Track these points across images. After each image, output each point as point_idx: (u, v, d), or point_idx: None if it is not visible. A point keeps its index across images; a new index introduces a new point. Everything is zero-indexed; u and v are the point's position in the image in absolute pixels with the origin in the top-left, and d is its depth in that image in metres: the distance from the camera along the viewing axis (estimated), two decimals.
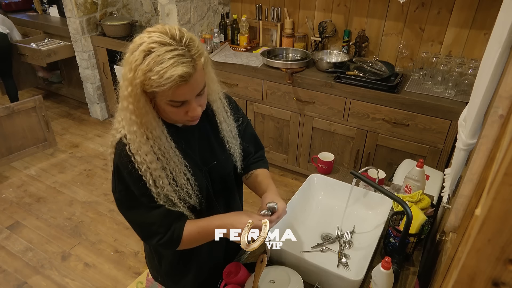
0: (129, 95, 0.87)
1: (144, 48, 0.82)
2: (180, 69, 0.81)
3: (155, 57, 0.81)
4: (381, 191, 1.22)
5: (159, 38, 0.83)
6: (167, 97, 0.86)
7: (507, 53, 0.87)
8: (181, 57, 0.82)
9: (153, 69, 0.81)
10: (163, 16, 2.92)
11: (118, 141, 0.95)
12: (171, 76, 0.80)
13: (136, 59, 0.83)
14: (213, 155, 1.09)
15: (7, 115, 3.03)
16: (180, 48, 0.82)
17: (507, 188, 0.50)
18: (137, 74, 0.83)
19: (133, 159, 0.92)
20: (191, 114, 0.91)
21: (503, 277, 0.57)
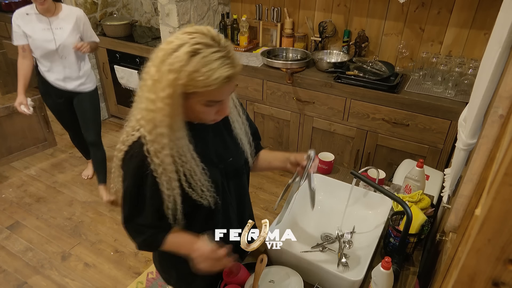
0: (168, 96, 0.85)
1: (189, 50, 0.82)
2: (226, 70, 0.84)
3: (201, 59, 0.82)
4: (381, 191, 1.22)
5: (203, 39, 0.84)
6: (207, 98, 0.87)
7: (507, 53, 0.88)
8: (225, 59, 0.84)
9: (200, 70, 0.82)
10: (163, 16, 2.92)
11: (136, 140, 0.93)
12: (218, 77, 0.83)
13: (179, 60, 0.82)
14: (228, 152, 1.10)
15: (7, 115, 3.03)
16: (222, 50, 0.85)
17: (507, 188, 0.50)
18: (180, 75, 0.82)
19: (151, 160, 0.91)
20: (222, 113, 0.94)
21: (503, 277, 0.57)
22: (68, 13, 2.35)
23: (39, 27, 2.28)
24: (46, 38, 2.29)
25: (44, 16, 2.28)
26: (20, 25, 2.28)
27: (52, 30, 2.30)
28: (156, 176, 0.93)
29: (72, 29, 2.34)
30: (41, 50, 2.33)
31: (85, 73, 2.55)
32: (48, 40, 2.30)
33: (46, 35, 2.29)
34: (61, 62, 2.40)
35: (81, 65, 2.52)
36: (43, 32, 2.29)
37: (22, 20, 2.28)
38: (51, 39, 2.30)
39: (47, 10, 2.25)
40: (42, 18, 2.28)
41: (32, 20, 2.28)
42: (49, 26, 2.30)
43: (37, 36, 2.28)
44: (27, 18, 2.28)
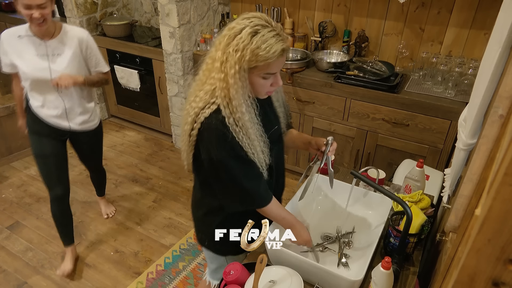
0: (237, 71, 1.02)
1: (250, 31, 1.00)
2: (281, 44, 1.02)
3: (261, 37, 1.00)
4: (381, 191, 1.22)
5: (260, 22, 1.01)
6: (265, 70, 1.04)
7: (507, 53, 0.87)
8: (278, 36, 1.02)
9: (260, 46, 1.00)
10: (163, 16, 2.92)
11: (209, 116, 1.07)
12: (276, 50, 1.00)
13: (243, 40, 1.00)
14: (271, 123, 1.26)
15: (7, 115, 3.04)
16: (275, 29, 1.02)
17: (507, 188, 0.50)
18: (245, 52, 1.00)
19: (232, 129, 1.07)
20: (276, 84, 1.11)
21: (503, 277, 0.57)
22: (70, 35, 1.87)
23: (32, 52, 1.81)
24: (39, 66, 1.82)
25: (40, 39, 1.81)
26: (7, 51, 1.82)
27: (49, 57, 1.83)
28: (239, 141, 1.08)
29: (73, 55, 1.88)
30: (33, 81, 1.85)
31: (89, 108, 2.08)
32: (41, 68, 1.82)
33: (40, 63, 1.82)
34: (59, 95, 1.92)
35: (86, 98, 2.05)
36: (37, 59, 1.81)
37: (11, 45, 1.81)
38: (45, 68, 1.82)
39: (46, 32, 1.79)
40: (38, 42, 1.81)
41: (24, 44, 1.81)
42: (45, 51, 1.82)
43: (29, 64, 1.81)
44: (17, 42, 1.80)
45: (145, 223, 2.64)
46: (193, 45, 3.12)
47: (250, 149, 1.11)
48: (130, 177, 3.12)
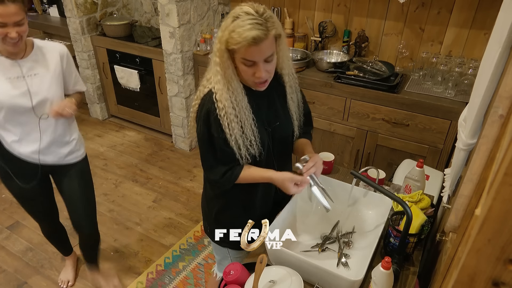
0: (217, 50, 1.11)
1: (235, 14, 1.08)
2: (254, 32, 1.04)
3: (239, 21, 1.05)
4: (381, 191, 1.22)
5: (248, 9, 1.07)
6: (241, 54, 1.08)
7: (507, 53, 0.87)
8: (258, 25, 1.05)
9: (236, 29, 1.05)
10: (163, 16, 2.92)
11: (206, 93, 1.18)
12: (246, 36, 1.04)
13: (227, 22, 1.08)
14: (277, 118, 1.30)
15: None
16: (259, 19, 1.05)
17: (507, 188, 0.50)
18: (225, 33, 1.08)
19: (216, 105, 1.15)
20: (257, 75, 1.12)
21: (503, 277, 0.57)
22: (46, 51, 1.57)
23: (2, 76, 1.48)
24: (16, 91, 1.49)
25: (11, 59, 1.48)
26: None
27: (25, 78, 1.51)
28: (220, 118, 1.15)
29: (54, 73, 1.57)
30: (9, 110, 1.50)
31: (75, 137, 1.75)
32: (19, 94, 1.49)
33: (16, 87, 1.49)
34: (42, 127, 1.58)
35: (70, 125, 1.72)
36: (11, 83, 1.48)
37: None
38: (23, 92, 1.50)
39: (18, 51, 1.48)
40: (8, 62, 1.48)
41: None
42: (20, 72, 1.50)
43: (2, 90, 1.47)
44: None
45: (145, 223, 2.64)
46: (193, 45, 3.12)
47: (230, 134, 1.17)
48: (130, 177, 3.12)
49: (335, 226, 1.39)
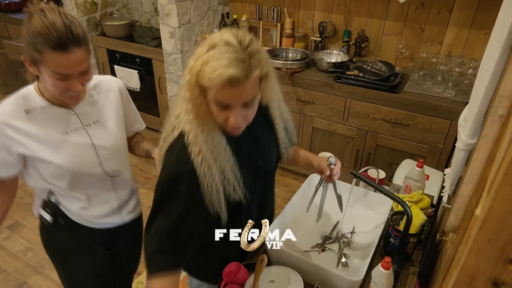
0: (187, 83, 0.90)
1: (211, 42, 0.86)
2: (232, 71, 0.82)
3: (216, 53, 0.84)
4: (381, 191, 1.22)
5: (228, 38, 0.85)
6: (213, 94, 0.87)
7: (507, 53, 0.88)
8: (238, 61, 0.83)
9: (209, 62, 0.84)
10: (163, 16, 2.92)
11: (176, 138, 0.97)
12: (221, 74, 0.82)
13: (200, 50, 0.87)
14: (260, 153, 1.12)
15: None
16: (242, 54, 0.83)
17: (507, 188, 0.50)
18: (196, 64, 0.87)
19: (191, 150, 0.93)
20: (230, 120, 0.90)
21: (503, 277, 0.57)
22: (100, 89, 1.23)
23: (59, 131, 1.12)
24: (82, 149, 1.16)
25: (63, 108, 1.13)
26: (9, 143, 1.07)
27: (86, 130, 1.17)
28: (196, 166, 0.93)
29: (117, 116, 1.26)
30: (75, 175, 1.16)
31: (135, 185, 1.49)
32: (86, 153, 1.17)
33: (77, 144, 1.15)
34: (112, 183, 1.28)
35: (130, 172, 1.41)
36: (70, 139, 1.13)
37: (16, 131, 1.06)
38: (89, 148, 1.17)
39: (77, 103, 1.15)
40: (63, 112, 1.13)
41: (42, 122, 1.09)
42: (79, 123, 1.16)
43: (64, 151, 1.12)
44: (27, 122, 1.07)
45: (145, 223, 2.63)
46: (193, 45, 3.12)
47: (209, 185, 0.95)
48: None
49: (335, 226, 1.39)
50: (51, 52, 0.96)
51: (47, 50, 0.96)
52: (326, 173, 1.19)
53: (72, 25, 0.98)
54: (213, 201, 0.97)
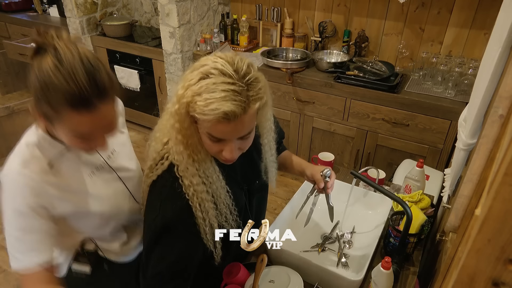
0: (176, 112, 0.82)
1: (203, 71, 0.77)
2: (228, 106, 0.74)
3: (209, 84, 0.75)
4: (381, 191, 1.22)
5: (222, 66, 0.77)
6: (206, 128, 0.80)
7: (507, 53, 0.88)
8: (235, 94, 0.75)
9: (202, 94, 0.75)
10: (163, 16, 2.92)
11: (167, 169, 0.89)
12: (215, 109, 0.74)
13: (191, 78, 0.78)
14: (255, 174, 1.08)
15: (7, 115, 3.03)
16: (239, 85, 0.76)
17: (507, 188, 0.50)
18: (186, 93, 0.78)
19: (181, 181, 0.87)
20: (224, 155, 0.84)
21: (503, 277, 0.57)
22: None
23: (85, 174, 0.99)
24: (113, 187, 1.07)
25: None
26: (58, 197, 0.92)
27: (109, 164, 1.06)
28: (189, 198, 0.87)
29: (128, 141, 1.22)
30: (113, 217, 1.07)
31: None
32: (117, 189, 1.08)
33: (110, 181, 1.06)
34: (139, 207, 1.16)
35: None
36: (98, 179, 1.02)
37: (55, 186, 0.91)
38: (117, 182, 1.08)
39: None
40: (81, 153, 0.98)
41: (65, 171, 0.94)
42: (101, 158, 1.04)
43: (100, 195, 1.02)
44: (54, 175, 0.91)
45: None
46: (193, 45, 3.12)
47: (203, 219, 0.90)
48: None
49: (335, 226, 1.39)
50: (70, 111, 0.76)
51: (66, 109, 0.76)
52: (320, 186, 1.15)
53: (96, 73, 0.78)
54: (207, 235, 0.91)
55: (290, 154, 1.33)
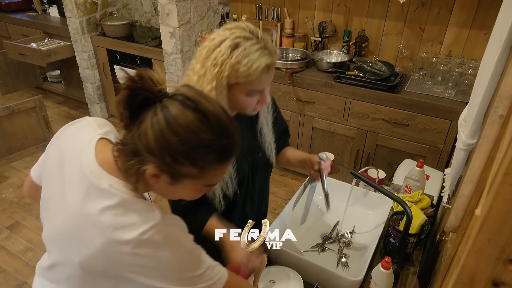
0: (213, 88, 0.91)
1: (231, 44, 0.89)
2: (266, 59, 0.90)
3: (242, 51, 0.89)
4: (381, 191, 1.22)
5: (242, 33, 0.90)
6: (249, 87, 0.93)
7: (507, 53, 0.88)
8: (263, 49, 0.91)
9: (241, 61, 0.89)
10: (163, 16, 2.92)
11: None
12: (258, 67, 0.89)
13: (222, 54, 0.89)
14: (257, 145, 1.17)
15: (7, 115, 3.03)
16: (260, 42, 0.92)
17: (507, 188, 0.50)
18: (224, 68, 0.89)
19: None
20: (262, 102, 0.99)
21: (503, 277, 0.57)
22: None
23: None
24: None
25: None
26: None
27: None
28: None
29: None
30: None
31: None
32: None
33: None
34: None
35: None
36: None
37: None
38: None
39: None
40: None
41: None
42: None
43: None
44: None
45: None
46: (193, 45, 3.12)
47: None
48: None
49: (335, 226, 1.39)
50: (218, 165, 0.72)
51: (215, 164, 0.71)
52: (315, 167, 1.18)
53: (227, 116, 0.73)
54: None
55: (290, 148, 1.36)
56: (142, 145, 0.67)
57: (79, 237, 0.73)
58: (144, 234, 0.67)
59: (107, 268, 0.72)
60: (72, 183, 0.75)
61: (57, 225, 0.79)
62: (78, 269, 0.75)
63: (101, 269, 0.73)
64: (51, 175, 0.82)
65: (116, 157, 0.74)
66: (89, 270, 0.75)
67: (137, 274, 0.71)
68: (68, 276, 0.80)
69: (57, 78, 4.48)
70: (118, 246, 0.68)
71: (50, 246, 0.84)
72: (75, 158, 0.77)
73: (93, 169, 0.73)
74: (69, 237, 0.75)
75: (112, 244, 0.68)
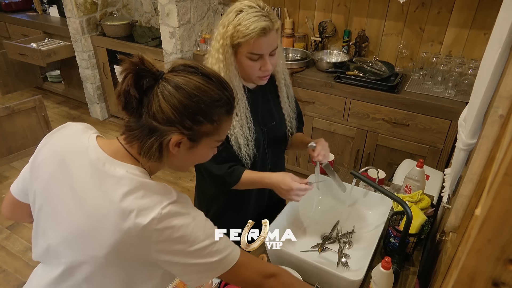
0: (220, 46, 1.10)
1: (237, 9, 1.08)
2: (262, 23, 1.05)
3: (244, 15, 1.06)
4: (381, 191, 1.22)
5: (249, 3, 1.08)
6: (248, 48, 1.08)
7: (507, 53, 0.87)
8: (263, 16, 1.07)
9: (242, 22, 1.06)
10: (163, 16, 2.92)
11: None
12: (255, 27, 1.05)
13: (229, 17, 1.08)
14: (272, 118, 1.31)
15: (7, 115, 3.03)
16: (263, 12, 1.08)
17: (507, 188, 0.50)
18: (228, 28, 1.07)
19: None
20: (263, 68, 1.13)
21: (503, 277, 0.57)
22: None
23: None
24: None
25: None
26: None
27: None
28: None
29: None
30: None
31: None
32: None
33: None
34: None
35: None
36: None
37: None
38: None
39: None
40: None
41: None
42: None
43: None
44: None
45: None
46: (193, 45, 3.12)
47: (231, 134, 1.17)
48: None
49: (335, 226, 1.39)
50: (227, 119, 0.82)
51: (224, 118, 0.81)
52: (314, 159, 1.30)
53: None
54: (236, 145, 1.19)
55: (302, 134, 1.50)
56: (159, 120, 0.73)
57: (102, 230, 0.74)
58: (164, 208, 0.73)
59: (135, 252, 0.75)
60: (84, 180, 0.77)
61: (72, 226, 0.79)
62: (103, 263, 0.76)
63: (128, 256, 0.76)
64: (52, 181, 0.82)
65: (128, 144, 0.79)
66: (115, 261, 0.77)
67: (162, 254, 0.74)
68: (88, 275, 0.80)
69: (57, 78, 4.48)
70: (144, 227, 0.71)
71: (62, 251, 0.82)
72: (80, 157, 0.79)
73: (106, 161, 0.77)
74: (89, 233, 0.76)
75: (138, 227, 0.71)
